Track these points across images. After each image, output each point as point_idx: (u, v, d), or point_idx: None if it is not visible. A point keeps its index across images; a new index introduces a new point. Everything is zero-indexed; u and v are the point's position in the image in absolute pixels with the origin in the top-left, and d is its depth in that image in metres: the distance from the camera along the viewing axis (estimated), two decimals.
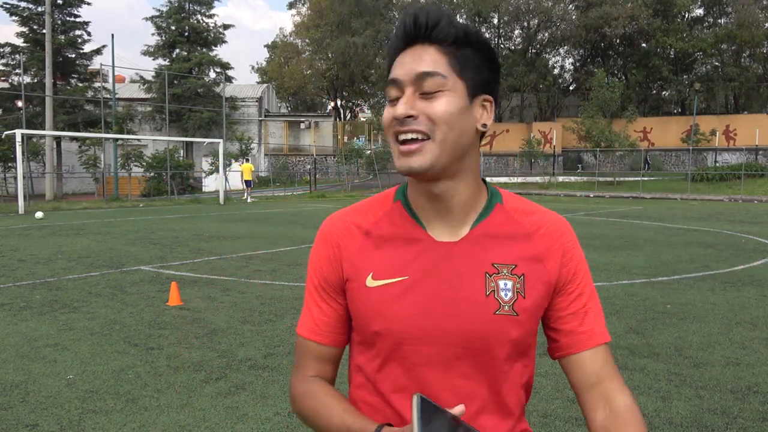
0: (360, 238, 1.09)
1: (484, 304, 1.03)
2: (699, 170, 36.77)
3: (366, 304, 1.06)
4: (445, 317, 1.03)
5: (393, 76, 1.02)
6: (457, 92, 1.00)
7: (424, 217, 1.08)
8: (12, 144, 24.27)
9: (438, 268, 1.04)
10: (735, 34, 42.26)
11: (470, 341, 1.03)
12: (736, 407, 3.87)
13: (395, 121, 1.00)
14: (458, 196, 1.06)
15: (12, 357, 4.92)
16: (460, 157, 1.03)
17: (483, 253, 1.05)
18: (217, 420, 3.71)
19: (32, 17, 32.41)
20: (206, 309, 6.54)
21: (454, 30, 1.00)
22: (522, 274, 1.05)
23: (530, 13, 45.59)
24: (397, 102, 1.01)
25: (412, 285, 1.04)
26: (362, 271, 1.07)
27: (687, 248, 11.34)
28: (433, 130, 0.99)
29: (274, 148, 43.24)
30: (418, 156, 0.99)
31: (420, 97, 0.99)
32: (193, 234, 13.88)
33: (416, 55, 1.00)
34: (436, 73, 0.99)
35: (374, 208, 1.12)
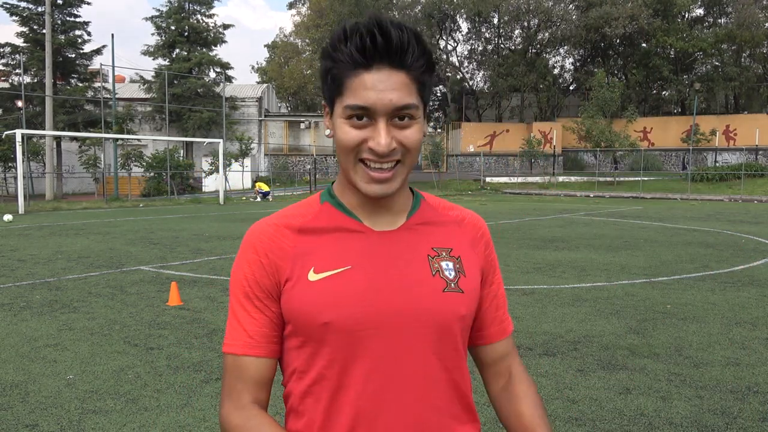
0: (294, 237, 1.06)
1: (432, 282, 1.05)
2: (699, 170, 36.79)
3: (310, 298, 1.02)
4: (396, 297, 1.03)
5: (363, 103, 0.96)
6: (421, 117, 1.02)
7: (359, 214, 1.08)
8: (12, 144, 24.28)
9: (380, 254, 1.05)
10: (735, 34, 42.27)
11: (424, 319, 1.03)
12: (736, 407, 3.87)
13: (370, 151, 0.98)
14: (398, 197, 1.09)
15: (12, 357, 4.92)
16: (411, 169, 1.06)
17: (422, 239, 1.09)
18: (217, 420, 3.71)
19: (32, 17, 32.41)
20: (206, 309, 6.54)
21: (425, 57, 0.99)
22: (459, 257, 1.10)
23: (530, 13, 45.59)
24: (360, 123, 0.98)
25: (357, 272, 1.03)
26: (302, 268, 1.04)
27: (687, 248, 11.34)
28: (405, 157, 1.01)
29: (274, 148, 43.24)
30: (391, 183, 1.01)
31: (392, 125, 0.99)
32: (193, 234, 13.88)
33: (387, 81, 0.96)
34: (412, 106, 0.98)
35: (302, 211, 1.10)
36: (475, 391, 4.02)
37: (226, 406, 1.08)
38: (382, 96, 0.96)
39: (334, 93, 1.01)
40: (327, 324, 1.01)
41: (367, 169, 1.00)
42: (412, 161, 1.03)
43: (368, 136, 0.98)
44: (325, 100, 1.05)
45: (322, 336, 1.02)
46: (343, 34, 0.97)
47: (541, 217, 18.98)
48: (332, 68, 0.99)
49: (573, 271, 8.83)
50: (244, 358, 1.07)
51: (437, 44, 48.63)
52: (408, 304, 1.03)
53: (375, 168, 0.99)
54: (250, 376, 1.08)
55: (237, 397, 1.08)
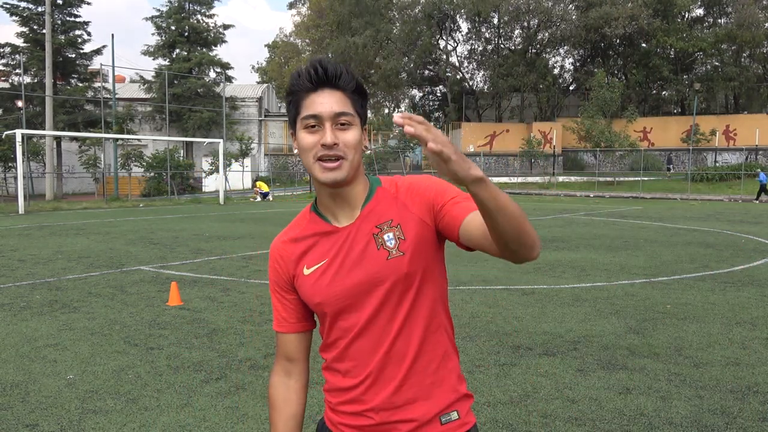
0: (292, 246, 1.51)
1: (378, 255, 1.40)
2: (699, 170, 36.78)
3: (306, 287, 1.46)
4: (356, 274, 1.41)
5: (314, 112, 1.35)
6: (357, 126, 1.39)
7: (330, 214, 1.47)
8: (12, 144, 24.28)
9: (344, 246, 1.43)
10: (735, 34, 42.27)
11: (376, 284, 1.39)
12: (736, 407, 3.87)
13: (323, 147, 1.35)
14: (351, 191, 1.43)
15: (12, 357, 4.92)
16: (359, 167, 1.42)
17: (370, 222, 1.43)
18: (217, 420, 3.71)
19: (32, 17, 32.41)
20: (206, 309, 6.54)
21: (352, 81, 1.38)
22: (398, 224, 1.41)
23: (530, 13, 45.58)
24: (314, 129, 1.36)
25: (330, 264, 1.44)
26: (300, 267, 1.48)
27: (687, 248, 11.34)
28: (346, 153, 1.36)
29: (274, 148, 43.24)
30: (339, 171, 1.37)
31: (335, 128, 1.35)
32: (193, 234, 13.89)
33: (329, 97, 1.35)
34: (348, 113, 1.36)
35: (299, 222, 1.53)
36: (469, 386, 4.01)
37: (273, 365, 1.62)
38: (326, 106, 1.35)
39: (295, 114, 1.39)
40: (319, 303, 1.45)
41: (321, 163, 1.36)
42: (355, 158, 1.38)
43: (320, 138, 1.36)
44: (290, 125, 1.43)
45: (320, 311, 1.47)
46: (297, 74, 1.38)
47: (541, 217, 18.99)
48: (293, 98, 1.39)
49: (573, 271, 8.83)
50: (277, 333, 1.58)
51: (437, 44, 48.62)
52: (363, 277, 1.40)
53: (326, 160, 1.36)
54: (282, 344, 1.58)
55: (277, 360, 1.60)
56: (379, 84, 48.07)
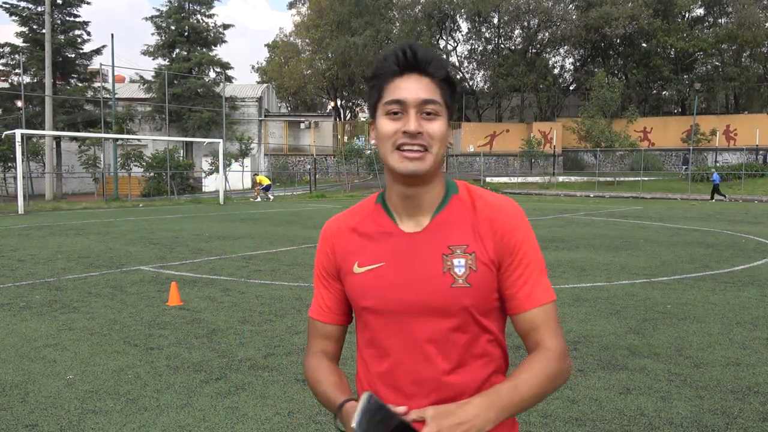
0: (348, 235, 1.38)
1: (442, 279, 1.27)
2: (699, 170, 36.78)
3: (354, 287, 1.34)
4: (411, 292, 1.29)
5: (398, 97, 1.25)
6: (444, 117, 1.28)
7: (397, 213, 1.35)
8: (12, 144, 24.27)
9: (405, 253, 1.31)
10: (735, 34, 42.27)
11: (432, 310, 1.28)
12: (737, 407, 3.87)
13: (404, 135, 1.24)
14: (426, 194, 1.32)
15: (12, 357, 4.92)
16: (439, 165, 1.31)
17: (441, 238, 1.30)
18: (217, 420, 3.71)
19: (32, 17, 32.41)
20: (206, 309, 6.54)
21: (443, 69, 1.27)
22: (473, 252, 1.29)
23: (530, 13, 45.58)
24: (397, 116, 1.26)
25: (387, 269, 1.31)
26: (350, 261, 1.35)
27: (687, 248, 11.33)
28: (431, 145, 1.26)
29: (274, 148, 43.23)
30: (420, 162, 1.25)
31: (420, 117, 1.25)
32: (193, 234, 13.88)
33: (417, 83, 1.25)
34: (435, 101, 1.25)
35: (362, 210, 1.41)
36: None
37: (306, 352, 1.48)
38: (411, 92, 1.25)
39: (376, 100, 1.29)
40: (366, 308, 1.33)
41: (401, 152, 1.25)
42: (438, 152, 1.27)
43: (402, 125, 1.25)
44: (370, 111, 1.34)
45: (364, 314, 1.35)
46: (383, 57, 1.29)
47: (541, 217, 18.99)
48: (375, 83, 1.29)
49: (573, 271, 8.83)
50: (315, 321, 1.45)
51: (437, 44, 48.61)
52: (419, 299, 1.28)
53: (407, 149, 1.25)
54: (319, 333, 1.45)
55: (311, 347, 1.46)
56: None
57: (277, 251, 11.02)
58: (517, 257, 1.30)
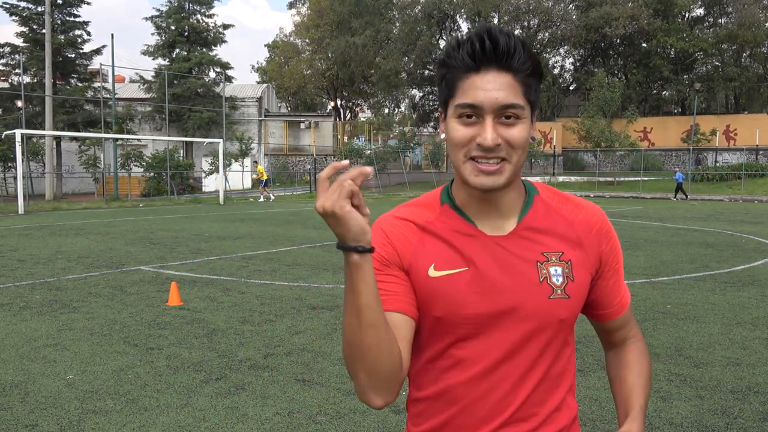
0: (418, 233, 1.17)
1: (539, 289, 1.13)
2: (699, 170, 36.78)
3: (429, 292, 1.13)
4: (504, 302, 1.12)
5: (472, 101, 1.06)
6: (527, 118, 1.10)
7: (472, 214, 1.17)
8: (12, 144, 24.26)
9: (493, 259, 1.14)
10: (735, 34, 42.27)
11: (527, 324, 1.13)
12: (737, 407, 3.87)
13: (478, 147, 1.07)
14: (504, 196, 1.15)
15: (12, 357, 4.92)
16: (519, 171, 1.14)
17: (532, 244, 1.16)
18: (217, 420, 3.70)
19: (32, 17, 32.40)
20: (206, 309, 6.54)
21: (530, 61, 1.08)
22: (569, 260, 1.15)
23: (530, 13, 45.59)
24: (471, 121, 1.08)
25: (473, 274, 1.13)
26: (423, 262, 1.14)
27: (687, 248, 11.33)
28: (510, 155, 1.09)
29: (274, 148, 43.22)
30: (498, 176, 1.09)
31: (498, 123, 1.07)
32: (193, 234, 13.88)
33: (496, 82, 1.06)
34: (517, 105, 1.07)
35: (425, 210, 1.20)
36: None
37: None
38: (489, 95, 1.05)
39: (447, 96, 1.11)
40: (439, 318, 1.14)
41: (476, 164, 1.09)
42: (519, 160, 1.10)
43: (476, 133, 1.07)
44: (440, 105, 1.16)
45: (434, 326, 1.15)
46: (456, 43, 1.09)
47: None
48: (446, 74, 1.11)
49: None
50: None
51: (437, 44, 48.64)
52: (514, 310, 1.12)
53: (482, 162, 1.08)
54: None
55: None
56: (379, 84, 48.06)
57: (277, 251, 11.02)
58: (614, 263, 1.23)
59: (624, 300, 1.28)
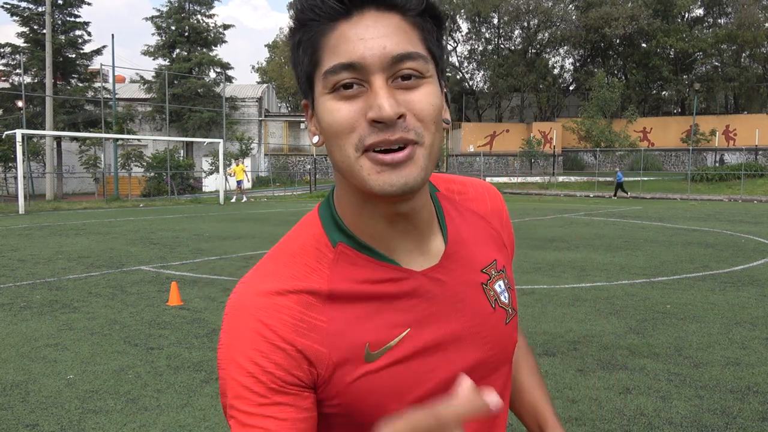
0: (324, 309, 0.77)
1: (495, 318, 0.87)
2: (699, 170, 36.79)
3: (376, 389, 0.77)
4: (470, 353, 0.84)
5: (348, 59, 0.70)
6: (433, 77, 0.74)
7: (386, 249, 0.81)
8: (12, 144, 24.28)
9: (436, 302, 0.82)
10: (735, 34, 42.29)
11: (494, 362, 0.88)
12: (736, 407, 3.88)
13: (373, 125, 0.70)
14: (424, 208, 0.82)
15: (12, 357, 4.92)
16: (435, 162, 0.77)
17: (468, 263, 0.87)
18: (217, 420, 3.71)
19: (32, 17, 32.42)
20: (206, 309, 6.54)
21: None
22: (503, 266, 0.91)
23: (530, 13, 45.60)
24: (351, 92, 0.71)
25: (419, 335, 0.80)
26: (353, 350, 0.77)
27: (687, 248, 11.34)
28: (420, 134, 0.72)
29: (274, 148, 43.24)
30: (410, 167, 0.72)
31: (394, 87, 0.71)
32: (193, 234, 13.89)
33: (378, 27, 0.71)
34: (417, 55, 0.71)
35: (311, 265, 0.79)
36: None
37: None
38: (371, 44, 0.70)
39: (310, 68, 0.74)
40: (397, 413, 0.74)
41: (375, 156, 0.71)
42: (434, 143, 0.73)
43: (364, 107, 0.71)
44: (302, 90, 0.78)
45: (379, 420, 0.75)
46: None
47: (541, 217, 18.98)
48: (302, 37, 0.75)
49: (573, 271, 8.83)
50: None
51: None
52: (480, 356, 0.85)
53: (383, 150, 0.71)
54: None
55: None
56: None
57: None
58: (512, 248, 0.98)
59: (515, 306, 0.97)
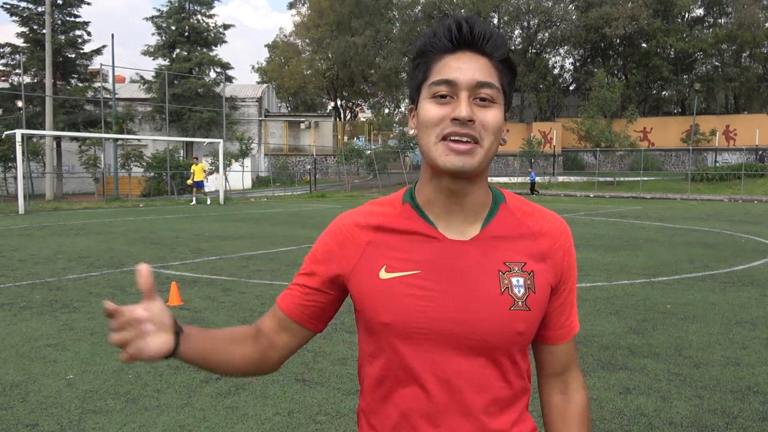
0: (371, 234, 1.13)
1: (499, 300, 1.08)
2: (699, 170, 36.79)
3: (377, 296, 1.09)
4: (460, 313, 1.07)
5: (448, 77, 1.05)
6: (500, 106, 1.07)
7: (434, 216, 1.12)
8: (12, 144, 24.27)
9: (452, 265, 1.09)
10: (735, 34, 42.29)
11: (484, 335, 1.07)
12: (736, 407, 3.87)
13: (453, 122, 1.04)
14: (472, 194, 1.11)
15: (12, 357, 4.92)
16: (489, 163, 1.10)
17: (495, 252, 1.10)
18: (217, 420, 3.71)
19: (32, 17, 32.42)
20: (206, 309, 6.54)
21: (504, 47, 1.08)
22: (531, 271, 1.11)
23: (530, 13, 45.61)
24: (445, 101, 1.05)
25: (425, 279, 1.08)
26: (374, 265, 1.11)
27: (687, 248, 11.34)
28: (482, 137, 1.05)
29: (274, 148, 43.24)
30: (470, 157, 1.04)
31: (473, 104, 1.05)
32: (193, 234, 13.88)
33: (471, 62, 1.05)
34: (493, 85, 1.05)
35: (385, 209, 1.16)
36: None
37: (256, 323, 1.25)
38: (465, 72, 1.04)
39: (420, 81, 1.09)
40: (386, 324, 1.08)
41: (444, 142, 1.05)
42: (491, 148, 1.06)
43: (450, 111, 1.04)
44: (411, 96, 1.13)
45: (382, 332, 1.10)
46: (432, 32, 1.09)
47: None
48: (420, 62, 1.09)
49: None
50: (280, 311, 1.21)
51: None
52: (469, 321, 1.07)
53: (455, 140, 1.04)
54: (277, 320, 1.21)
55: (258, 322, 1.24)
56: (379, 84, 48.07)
57: (277, 251, 11.02)
58: (570, 281, 1.18)
59: (573, 325, 1.21)
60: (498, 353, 1.10)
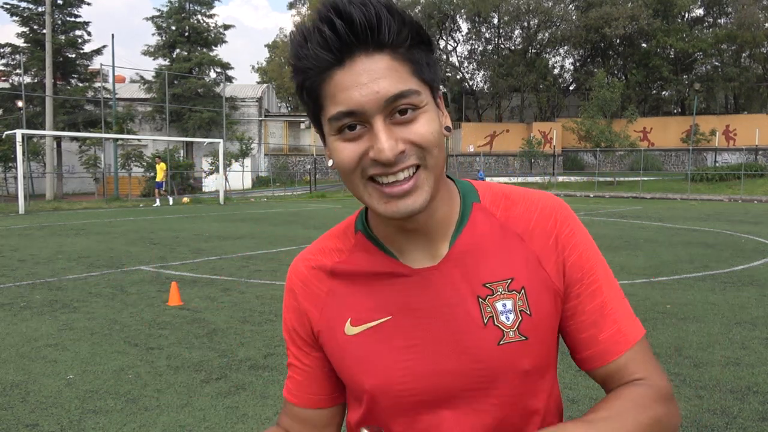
0: (327, 282, 0.93)
1: (483, 335, 0.85)
2: (699, 170, 36.80)
3: (349, 357, 0.90)
4: (443, 359, 0.86)
5: (348, 107, 0.76)
6: (429, 105, 0.81)
7: (391, 244, 0.90)
8: (12, 144, 24.27)
9: (422, 300, 0.87)
10: (735, 34, 42.31)
11: (476, 380, 0.86)
12: (736, 407, 3.87)
13: (374, 163, 0.78)
14: (432, 217, 0.87)
15: (12, 357, 4.92)
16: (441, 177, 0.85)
17: (471, 272, 0.87)
18: (217, 420, 3.71)
19: (32, 17, 32.41)
20: (206, 309, 6.54)
21: (407, 29, 0.78)
22: (522, 287, 0.87)
23: (530, 13, 45.62)
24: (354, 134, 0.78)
25: (398, 325, 0.87)
26: (338, 319, 0.91)
27: (687, 248, 11.34)
28: (423, 158, 0.79)
29: (274, 148, 43.24)
30: (416, 195, 0.80)
31: (393, 124, 0.78)
32: (193, 234, 13.89)
33: (370, 72, 0.76)
34: (410, 90, 0.77)
35: (338, 243, 0.95)
36: None
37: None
38: (366, 90, 0.76)
39: (316, 111, 0.82)
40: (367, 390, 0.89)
41: (380, 186, 0.80)
42: (437, 163, 0.81)
43: (368, 146, 0.78)
44: (314, 126, 0.86)
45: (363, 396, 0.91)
46: (302, 37, 0.79)
47: None
48: (304, 82, 0.81)
49: None
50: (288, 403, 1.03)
51: (437, 44, 48.65)
52: (456, 367, 0.86)
53: (388, 183, 0.79)
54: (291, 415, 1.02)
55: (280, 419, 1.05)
56: None
57: (277, 251, 11.02)
58: (587, 279, 0.89)
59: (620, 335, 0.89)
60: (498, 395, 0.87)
